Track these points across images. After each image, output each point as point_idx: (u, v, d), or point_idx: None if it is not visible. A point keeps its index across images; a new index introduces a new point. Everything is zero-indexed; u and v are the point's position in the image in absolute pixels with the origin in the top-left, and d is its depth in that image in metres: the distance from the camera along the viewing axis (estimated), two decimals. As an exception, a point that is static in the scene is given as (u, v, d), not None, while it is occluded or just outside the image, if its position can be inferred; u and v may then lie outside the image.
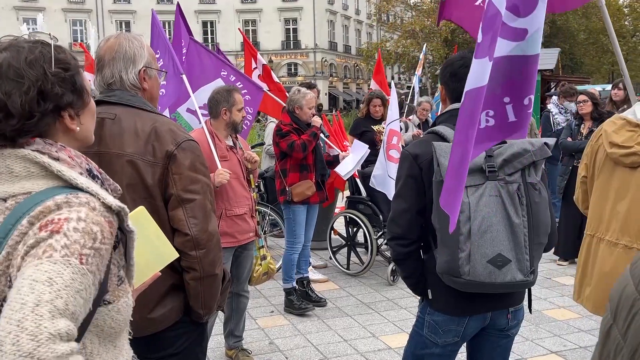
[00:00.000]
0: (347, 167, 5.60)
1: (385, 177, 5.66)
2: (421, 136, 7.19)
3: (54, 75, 1.27)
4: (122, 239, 1.31)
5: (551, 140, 2.28)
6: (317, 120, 5.16)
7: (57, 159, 1.27)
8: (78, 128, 1.34)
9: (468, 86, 2.00)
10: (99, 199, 1.25)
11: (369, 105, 6.89)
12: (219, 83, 4.99)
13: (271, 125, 6.95)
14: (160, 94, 4.52)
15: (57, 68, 1.28)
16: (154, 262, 1.66)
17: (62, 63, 1.30)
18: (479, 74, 1.99)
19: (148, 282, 1.63)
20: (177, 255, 1.75)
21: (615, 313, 1.01)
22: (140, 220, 1.62)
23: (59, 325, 1.04)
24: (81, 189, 1.25)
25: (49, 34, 1.33)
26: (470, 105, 1.99)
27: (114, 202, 1.27)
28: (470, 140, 1.95)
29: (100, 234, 1.20)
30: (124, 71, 2.14)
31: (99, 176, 1.37)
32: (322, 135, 5.60)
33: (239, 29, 12.61)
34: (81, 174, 1.30)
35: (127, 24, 50.05)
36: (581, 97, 6.56)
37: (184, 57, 5.18)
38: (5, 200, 1.23)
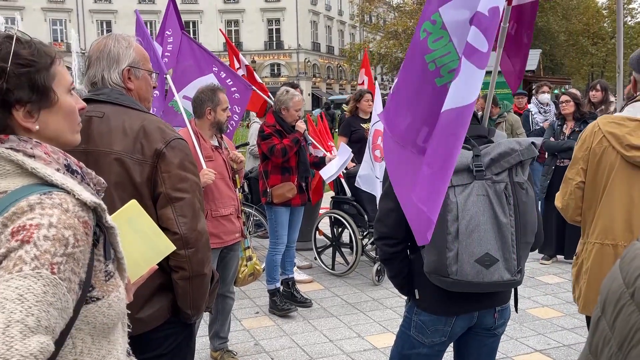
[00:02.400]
0: (330, 170, 5.59)
1: (372, 177, 5.66)
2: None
3: (1, 70, 1.23)
4: (102, 235, 1.29)
5: (538, 140, 2.29)
6: (301, 126, 5.10)
7: (32, 156, 1.25)
8: (37, 127, 1.29)
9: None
10: (74, 196, 1.23)
11: (361, 101, 6.69)
12: (211, 78, 5.00)
13: (255, 125, 6.92)
14: (155, 95, 4.51)
15: (14, 64, 1.24)
16: (150, 255, 1.64)
17: (22, 59, 1.26)
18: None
19: (145, 276, 1.61)
20: (174, 247, 1.73)
21: (604, 305, 1.04)
22: (133, 214, 1.60)
23: (31, 346, 1.04)
24: (56, 186, 1.23)
25: (17, 30, 1.31)
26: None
27: (89, 198, 1.24)
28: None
29: (72, 237, 1.18)
30: (106, 70, 2.14)
31: (79, 171, 1.35)
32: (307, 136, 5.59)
33: (220, 29, 12.54)
34: (58, 169, 1.28)
35: (109, 23, 49.65)
36: (563, 98, 6.64)
37: (169, 47, 5.17)
38: None
